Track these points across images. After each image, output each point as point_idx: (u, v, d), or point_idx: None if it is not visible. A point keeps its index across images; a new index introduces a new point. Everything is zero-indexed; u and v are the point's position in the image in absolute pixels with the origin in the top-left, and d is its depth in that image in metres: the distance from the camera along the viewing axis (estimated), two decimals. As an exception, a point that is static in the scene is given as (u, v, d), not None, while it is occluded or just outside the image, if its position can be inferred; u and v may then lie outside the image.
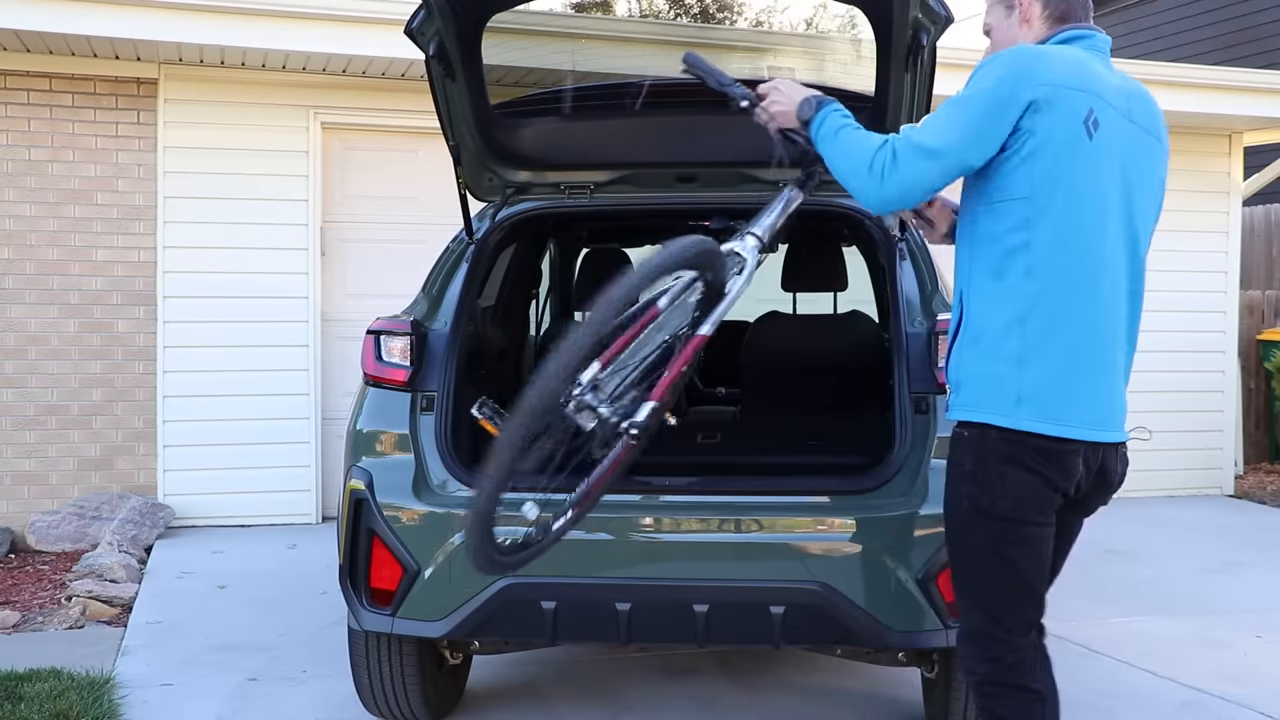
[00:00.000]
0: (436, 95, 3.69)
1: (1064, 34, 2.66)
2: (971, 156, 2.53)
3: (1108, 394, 2.59)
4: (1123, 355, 2.65)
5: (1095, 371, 2.55)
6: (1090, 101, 2.51)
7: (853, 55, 5.86)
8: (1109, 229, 2.54)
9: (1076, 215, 2.50)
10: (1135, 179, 2.59)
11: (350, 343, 6.82)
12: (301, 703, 4.19)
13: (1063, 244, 2.50)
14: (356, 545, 3.37)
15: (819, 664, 4.54)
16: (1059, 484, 2.53)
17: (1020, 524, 2.53)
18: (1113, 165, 2.54)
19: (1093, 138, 2.50)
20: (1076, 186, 2.50)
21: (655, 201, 4.16)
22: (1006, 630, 2.59)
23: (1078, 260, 2.51)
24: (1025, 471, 2.51)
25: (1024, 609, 2.61)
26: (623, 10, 24.32)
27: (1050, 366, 2.51)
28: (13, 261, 6.79)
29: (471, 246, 3.85)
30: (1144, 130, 2.62)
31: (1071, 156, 2.50)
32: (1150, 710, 4.21)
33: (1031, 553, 2.57)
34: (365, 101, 7.24)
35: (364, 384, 3.63)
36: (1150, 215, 2.66)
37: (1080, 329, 2.52)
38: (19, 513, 6.70)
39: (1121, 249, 2.57)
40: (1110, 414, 2.60)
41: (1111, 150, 2.54)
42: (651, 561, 3.30)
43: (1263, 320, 10.22)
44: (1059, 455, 2.51)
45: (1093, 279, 2.52)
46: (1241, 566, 6.53)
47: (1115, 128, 2.55)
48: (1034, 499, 2.52)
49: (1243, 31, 13.58)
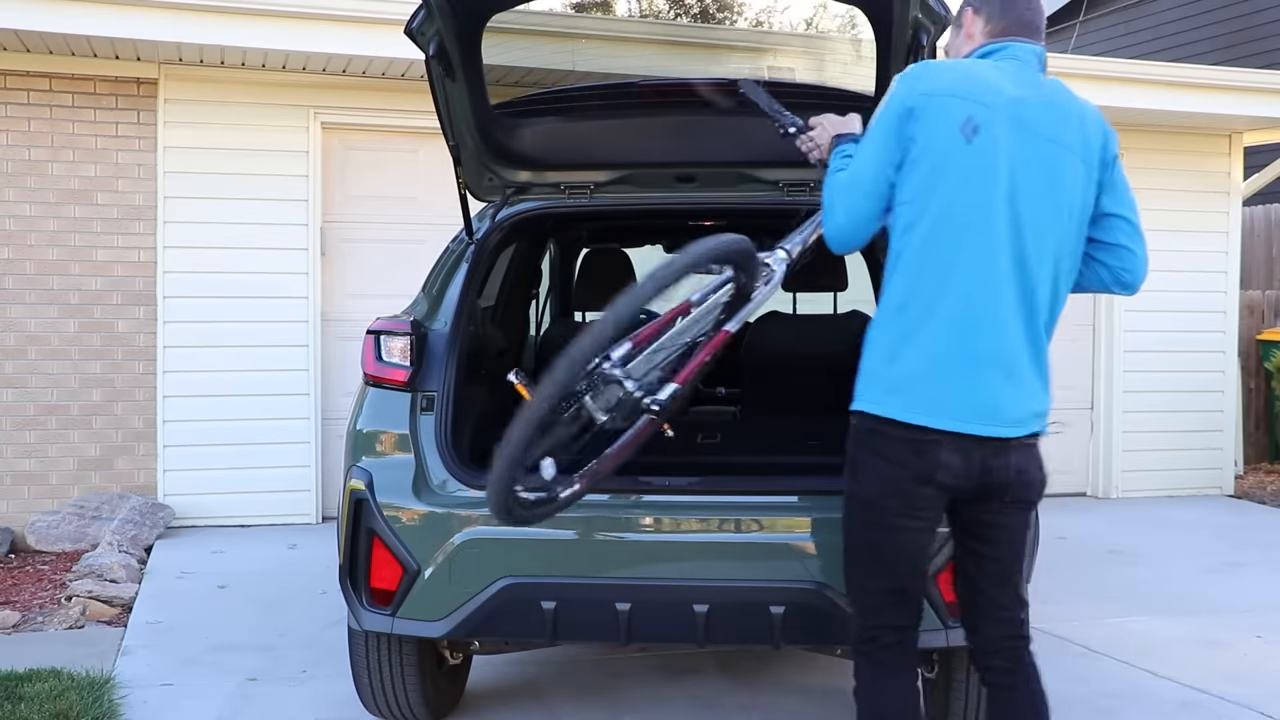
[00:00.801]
0: (436, 95, 3.69)
1: (985, 48, 2.80)
2: (888, 173, 2.71)
3: (985, 389, 2.64)
4: (1016, 354, 2.67)
5: (967, 367, 2.63)
6: (969, 108, 2.63)
7: (853, 55, 5.86)
8: (990, 232, 2.63)
9: (950, 218, 2.63)
10: (1025, 184, 2.65)
11: (350, 343, 6.82)
12: (301, 703, 4.19)
13: (935, 245, 2.64)
14: (356, 545, 3.37)
15: (819, 664, 4.54)
16: (925, 475, 2.64)
17: (881, 510, 2.70)
18: (995, 169, 2.63)
19: (971, 142, 2.62)
20: (952, 190, 2.63)
21: (655, 201, 4.16)
22: (870, 609, 2.79)
23: (949, 261, 2.63)
24: (888, 462, 2.67)
25: (882, 592, 2.78)
26: (623, 10, 24.33)
27: (917, 360, 2.64)
28: (13, 261, 6.79)
29: (471, 246, 3.85)
30: (1047, 139, 2.69)
31: (947, 161, 2.63)
32: (1150, 710, 4.22)
33: (896, 541, 2.71)
34: (365, 101, 7.25)
35: (364, 384, 3.63)
36: (1047, 221, 2.68)
37: (949, 326, 2.63)
38: (19, 513, 6.70)
39: (1006, 252, 2.64)
40: (987, 409, 2.64)
41: (994, 155, 2.63)
42: (651, 561, 3.30)
43: (1263, 320, 10.23)
44: (921, 446, 2.63)
45: (965, 279, 2.62)
46: (1241, 566, 6.53)
47: (1001, 134, 2.64)
48: (897, 489, 2.66)
49: (1243, 31, 13.58)
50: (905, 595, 2.79)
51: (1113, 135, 2.82)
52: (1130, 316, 8.70)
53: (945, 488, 2.67)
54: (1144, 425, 8.75)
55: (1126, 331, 8.72)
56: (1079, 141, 2.73)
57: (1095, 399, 8.82)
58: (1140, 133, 8.63)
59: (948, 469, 2.64)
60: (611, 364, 2.68)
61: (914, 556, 2.76)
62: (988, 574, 2.81)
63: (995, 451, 2.66)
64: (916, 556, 2.77)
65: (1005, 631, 2.82)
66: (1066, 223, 2.71)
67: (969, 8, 2.88)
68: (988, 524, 2.77)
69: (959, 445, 2.63)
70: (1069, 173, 2.71)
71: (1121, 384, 8.73)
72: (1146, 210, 9.40)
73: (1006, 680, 2.82)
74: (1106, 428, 8.75)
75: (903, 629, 2.80)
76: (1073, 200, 2.72)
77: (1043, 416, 2.75)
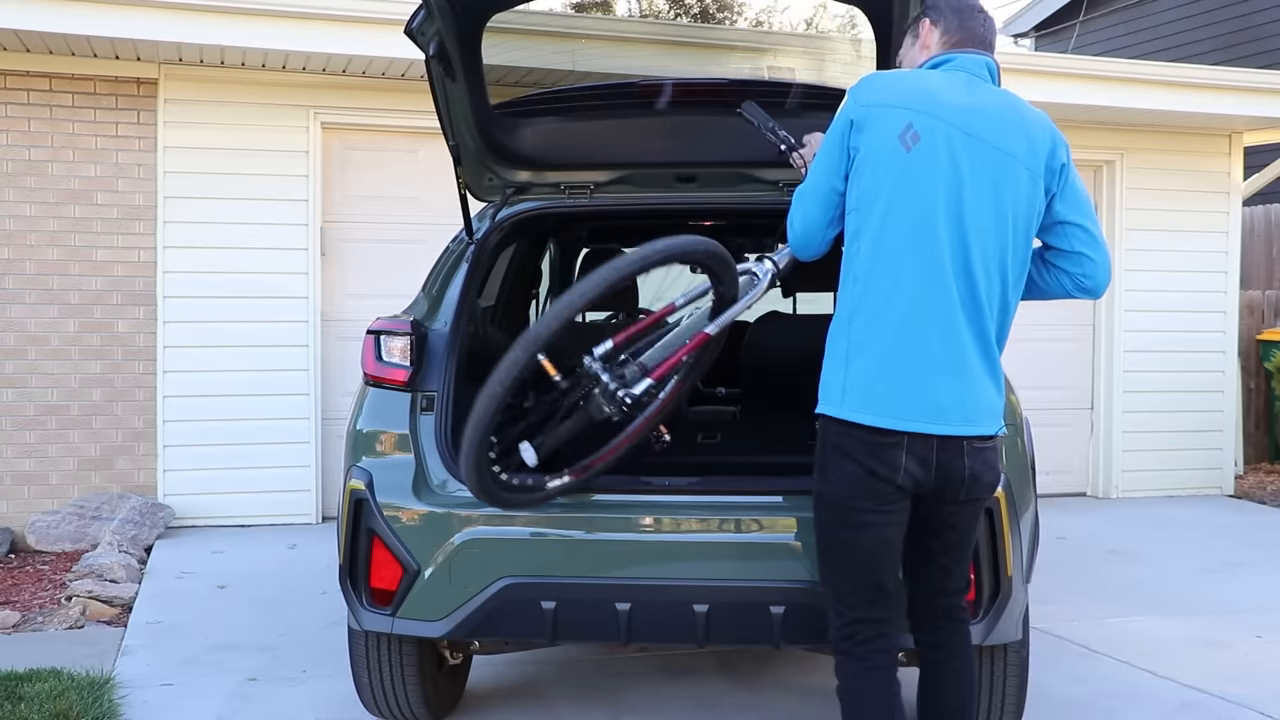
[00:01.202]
0: (436, 95, 3.69)
1: (936, 59, 2.89)
2: (835, 183, 2.83)
3: (934, 390, 2.72)
4: (964, 357, 2.74)
5: (917, 369, 2.71)
6: (910, 117, 2.73)
7: (853, 55, 5.87)
8: (933, 238, 2.71)
9: (894, 225, 2.72)
10: (968, 191, 2.72)
11: (350, 343, 6.83)
12: (301, 703, 4.19)
13: (880, 251, 2.73)
14: (356, 545, 3.37)
15: (819, 664, 4.53)
16: (884, 475, 2.72)
17: (850, 510, 2.78)
18: (936, 177, 2.72)
19: (910, 150, 2.71)
20: (893, 197, 2.73)
21: (655, 201, 4.16)
22: (847, 606, 2.85)
23: (894, 266, 2.72)
24: (850, 461, 2.75)
25: (858, 589, 2.84)
26: (623, 10, 24.33)
27: (869, 363, 2.74)
28: (13, 261, 6.79)
29: (471, 246, 3.84)
30: (991, 146, 2.75)
31: (887, 169, 2.73)
32: (1150, 710, 4.22)
33: (865, 538, 2.79)
34: (365, 101, 7.25)
35: (364, 384, 3.62)
36: (990, 226, 2.74)
37: (897, 329, 2.72)
38: (19, 513, 6.70)
39: (950, 257, 2.71)
40: (938, 409, 2.72)
41: (934, 162, 2.72)
42: (651, 561, 3.30)
43: (1263, 320, 10.23)
44: (879, 447, 2.71)
45: (911, 285, 2.71)
46: (1241, 566, 6.53)
47: (943, 141, 2.72)
48: (861, 488, 2.75)
49: (1243, 31, 13.58)
50: (881, 590, 2.84)
51: (1062, 143, 2.86)
52: (1130, 316, 8.70)
53: (906, 488, 2.76)
54: (1144, 425, 8.75)
55: (1126, 331, 8.72)
56: (1025, 149, 2.79)
57: (1095, 399, 8.82)
58: (1140, 133, 8.65)
59: (908, 472, 2.73)
60: (591, 359, 2.93)
61: (886, 552, 2.83)
62: (935, 564, 2.94)
63: (952, 453, 2.75)
64: (889, 551, 2.83)
65: (945, 614, 2.97)
66: (1010, 229, 2.77)
67: (926, 19, 2.96)
68: (939, 521, 2.88)
69: (916, 447, 2.72)
70: (1012, 179, 2.77)
71: (1121, 384, 8.73)
72: (1146, 210, 9.43)
73: (939, 656, 2.98)
74: (1106, 428, 8.75)
75: (880, 623, 2.86)
76: (1017, 207, 2.77)
77: (996, 416, 2.82)
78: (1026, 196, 2.79)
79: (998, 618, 3.20)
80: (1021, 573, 3.32)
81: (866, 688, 2.85)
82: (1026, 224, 2.81)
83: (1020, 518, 3.33)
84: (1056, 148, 2.84)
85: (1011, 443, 3.39)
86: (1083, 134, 8.51)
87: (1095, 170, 8.78)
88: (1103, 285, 2.95)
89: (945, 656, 2.98)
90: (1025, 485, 3.46)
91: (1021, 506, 3.37)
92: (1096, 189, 8.79)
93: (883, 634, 2.87)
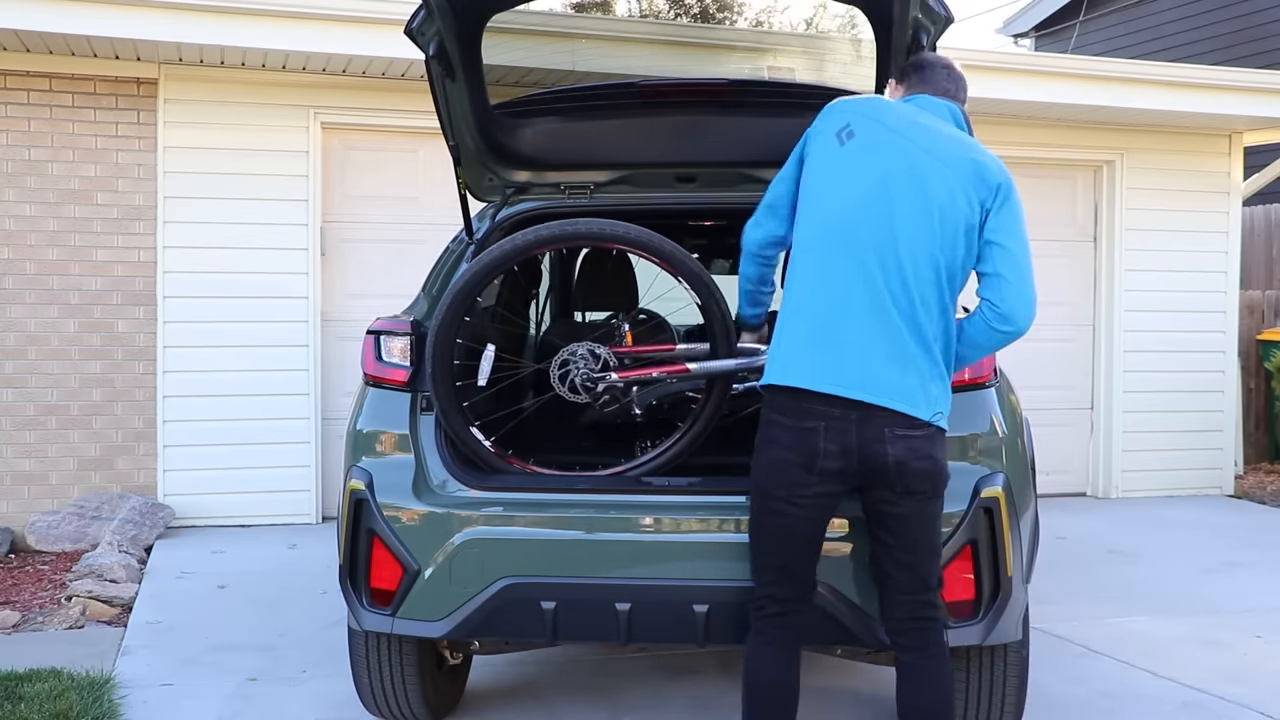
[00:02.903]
0: (436, 95, 3.69)
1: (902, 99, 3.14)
2: (782, 187, 3.12)
3: (850, 361, 2.87)
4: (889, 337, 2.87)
5: (834, 343, 2.88)
6: (849, 118, 2.98)
7: (853, 55, 5.86)
8: (856, 224, 2.90)
9: (820, 212, 2.96)
10: (897, 184, 2.90)
11: (350, 343, 6.83)
12: (301, 703, 4.19)
13: (808, 237, 2.98)
14: (356, 545, 3.37)
15: (819, 664, 4.53)
16: (808, 463, 2.88)
17: (766, 496, 2.98)
18: (865, 168, 2.92)
19: (844, 145, 2.95)
20: (821, 187, 2.97)
21: (655, 201, 4.16)
22: (758, 580, 3.07)
23: (819, 251, 2.94)
24: (776, 448, 2.94)
25: (765, 567, 3.04)
26: (623, 10, 24.33)
27: (793, 338, 2.95)
28: (13, 261, 6.79)
29: (471, 246, 3.85)
30: (923, 150, 2.92)
31: (823, 164, 2.98)
32: (1150, 710, 4.22)
33: (774, 524, 2.98)
34: (365, 101, 7.25)
35: (364, 384, 3.63)
36: (915, 216, 2.88)
37: (819, 309, 2.92)
38: (19, 513, 6.70)
39: (873, 243, 2.88)
40: (852, 379, 2.86)
41: (864, 156, 2.93)
42: (651, 561, 3.30)
43: (1263, 320, 10.23)
44: (800, 432, 2.89)
45: (834, 267, 2.91)
46: (1241, 566, 6.53)
47: (876, 139, 2.93)
48: (782, 476, 2.93)
49: (1243, 31, 13.58)
50: (785, 572, 3.02)
51: (1006, 174, 2.97)
52: (1130, 316, 8.71)
53: (831, 474, 2.89)
54: (1144, 425, 8.75)
55: (1126, 331, 8.72)
56: (961, 161, 2.92)
57: (1095, 399, 8.82)
58: (1140, 133, 8.65)
59: (828, 455, 2.88)
60: (575, 356, 3.51)
61: (792, 541, 2.98)
62: (893, 560, 3.01)
63: (871, 437, 2.86)
64: (794, 541, 2.99)
65: (909, 613, 3.02)
66: (940, 226, 2.88)
67: (892, 80, 3.22)
68: (886, 514, 2.97)
69: (833, 429, 2.86)
70: (943, 182, 2.90)
71: (1121, 384, 8.73)
72: (1146, 210, 9.44)
73: (911, 658, 3.04)
74: (1106, 428, 8.75)
75: (783, 601, 3.03)
76: (944, 208, 2.88)
77: (920, 401, 2.88)
78: (958, 202, 2.89)
79: (998, 618, 3.20)
80: (1021, 573, 3.32)
81: (751, 656, 3.07)
82: (959, 228, 2.90)
83: (1020, 518, 3.34)
84: (999, 174, 2.95)
85: (1011, 443, 3.40)
86: (1083, 134, 8.54)
87: (1095, 170, 8.78)
88: (1018, 312, 2.95)
89: (915, 658, 3.03)
90: (1025, 485, 3.46)
91: (1021, 506, 3.37)
92: (1096, 189, 8.80)
93: (783, 612, 3.04)
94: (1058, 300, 8.71)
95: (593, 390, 3.51)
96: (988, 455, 3.33)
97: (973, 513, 3.19)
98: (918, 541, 2.99)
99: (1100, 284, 8.78)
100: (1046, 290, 9.75)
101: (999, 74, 7.78)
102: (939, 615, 3.05)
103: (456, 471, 3.40)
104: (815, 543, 3.03)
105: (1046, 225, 8.68)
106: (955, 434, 3.31)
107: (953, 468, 3.14)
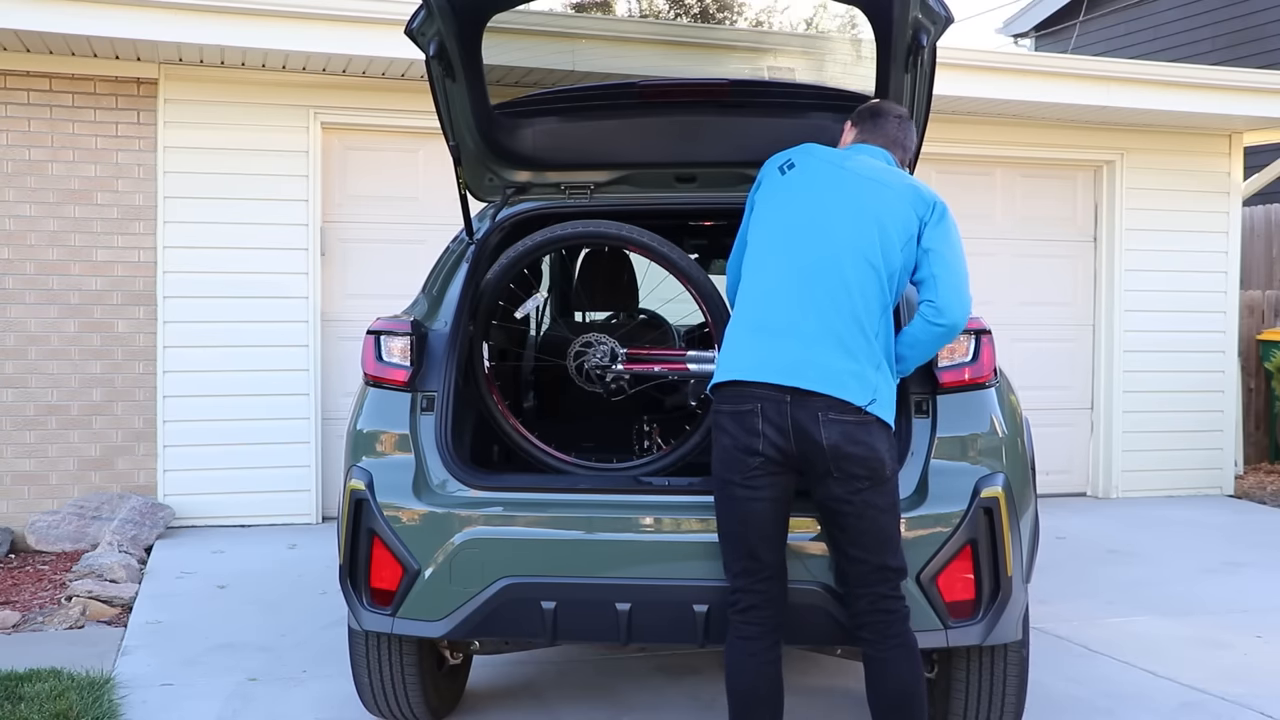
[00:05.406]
0: (436, 95, 3.69)
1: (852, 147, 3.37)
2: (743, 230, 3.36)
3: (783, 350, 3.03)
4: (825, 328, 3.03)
5: (768, 336, 3.07)
6: (790, 156, 3.27)
7: (853, 55, 5.86)
8: (795, 234, 3.14)
9: (765, 229, 3.21)
10: (835, 200, 3.15)
11: (350, 343, 6.83)
12: (301, 703, 4.19)
13: (753, 253, 3.22)
14: (357, 545, 3.37)
15: (819, 664, 4.54)
16: (749, 446, 3.01)
17: (723, 483, 3.08)
18: (804, 189, 3.19)
19: (785, 174, 3.24)
20: (765, 209, 3.24)
21: (655, 201, 4.16)
22: (730, 575, 3.12)
23: (761, 260, 3.18)
24: (725, 436, 3.06)
25: (735, 559, 3.09)
26: (623, 10, 24.32)
27: (730, 340, 3.16)
28: (13, 261, 6.79)
29: (471, 246, 3.85)
30: (859, 175, 3.18)
31: (768, 193, 3.26)
32: (1150, 710, 4.22)
33: (735, 510, 3.07)
34: (365, 101, 7.25)
35: (364, 384, 3.63)
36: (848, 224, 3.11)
37: (757, 312, 3.12)
38: (19, 513, 6.70)
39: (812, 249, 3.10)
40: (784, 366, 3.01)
41: (804, 180, 3.20)
42: (651, 561, 3.31)
43: (1263, 320, 10.23)
44: (740, 415, 3.02)
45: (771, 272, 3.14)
46: (1241, 566, 6.53)
47: (815, 170, 3.21)
48: (732, 461, 3.04)
49: (1243, 31, 13.59)
50: (755, 561, 3.06)
51: (941, 202, 3.18)
52: (1130, 316, 8.71)
53: (773, 455, 2.99)
54: (1144, 425, 8.75)
55: (1126, 331, 8.72)
56: (900, 186, 3.16)
57: (1095, 399, 8.82)
58: (1140, 133, 8.65)
59: (768, 439, 2.99)
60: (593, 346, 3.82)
61: (756, 523, 3.04)
62: (843, 554, 3.07)
63: (806, 420, 2.97)
64: (758, 523, 3.04)
65: (869, 605, 3.06)
66: (877, 229, 3.08)
67: (848, 121, 3.43)
68: (833, 509, 3.04)
69: (769, 411, 2.99)
70: (876, 196, 3.13)
71: (1121, 384, 8.73)
72: (1146, 210, 9.45)
73: (872, 650, 3.07)
74: (1106, 428, 8.75)
75: (755, 594, 3.07)
76: (880, 214, 3.09)
77: (855, 387, 2.99)
78: (896, 214, 3.10)
79: (998, 618, 3.20)
80: (1021, 573, 3.32)
81: (730, 653, 3.10)
82: (897, 238, 3.09)
83: (1020, 518, 3.34)
84: (935, 196, 3.18)
85: (1011, 443, 3.40)
86: (1083, 134, 8.54)
87: (1095, 170, 8.78)
88: (952, 308, 3.11)
89: (876, 650, 3.06)
90: (1025, 485, 3.46)
91: (1021, 506, 3.37)
92: (1097, 189, 8.80)
93: (755, 605, 3.07)
94: (1058, 300, 8.72)
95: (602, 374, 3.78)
96: (988, 455, 3.33)
97: (973, 513, 3.19)
98: (865, 533, 3.02)
99: (1100, 284, 8.78)
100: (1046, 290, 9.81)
101: (999, 74, 7.79)
102: (899, 608, 3.06)
103: (456, 471, 3.40)
104: (778, 527, 3.08)
105: (1046, 225, 8.69)
106: (955, 434, 3.32)
107: (953, 467, 3.14)
